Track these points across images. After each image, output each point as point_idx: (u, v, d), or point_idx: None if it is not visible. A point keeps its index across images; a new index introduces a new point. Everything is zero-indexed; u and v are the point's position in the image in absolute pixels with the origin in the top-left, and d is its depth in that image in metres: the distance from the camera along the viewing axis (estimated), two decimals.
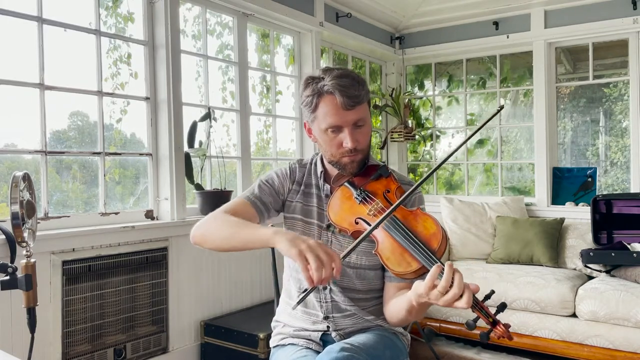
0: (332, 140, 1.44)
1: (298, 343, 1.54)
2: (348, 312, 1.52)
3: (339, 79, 1.40)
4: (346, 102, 1.39)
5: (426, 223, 1.35)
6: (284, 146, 4.03)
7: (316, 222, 1.53)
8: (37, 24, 2.46)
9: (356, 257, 1.49)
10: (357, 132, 1.44)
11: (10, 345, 2.21)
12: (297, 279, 1.57)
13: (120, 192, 2.93)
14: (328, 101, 1.41)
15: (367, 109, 1.47)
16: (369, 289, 1.54)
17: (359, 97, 1.41)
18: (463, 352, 3.29)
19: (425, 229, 1.34)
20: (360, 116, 1.43)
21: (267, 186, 1.57)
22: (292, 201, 1.57)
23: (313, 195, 1.57)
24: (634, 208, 3.50)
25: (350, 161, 1.46)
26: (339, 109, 1.40)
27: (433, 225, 1.34)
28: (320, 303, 1.53)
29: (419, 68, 5.00)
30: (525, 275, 3.25)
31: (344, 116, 1.41)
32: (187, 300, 2.98)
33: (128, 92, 2.89)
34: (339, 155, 1.46)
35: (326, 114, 1.42)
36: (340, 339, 1.51)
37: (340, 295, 1.51)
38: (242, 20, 3.49)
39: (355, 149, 1.43)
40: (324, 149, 1.50)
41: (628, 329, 2.84)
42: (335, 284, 1.51)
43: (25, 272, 1.73)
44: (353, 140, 1.42)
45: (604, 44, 4.12)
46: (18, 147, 2.46)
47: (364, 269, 1.51)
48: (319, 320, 1.53)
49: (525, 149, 4.55)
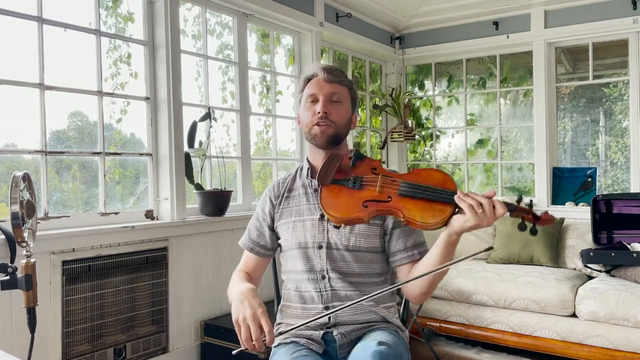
0: (308, 109, 1.59)
1: (300, 342, 1.55)
2: (347, 299, 1.53)
3: (327, 65, 1.65)
4: (326, 77, 1.58)
5: (431, 175, 1.43)
6: (284, 146, 4.03)
7: (309, 218, 1.60)
8: (37, 24, 2.46)
9: (355, 239, 1.55)
10: (331, 106, 1.57)
11: (10, 345, 2.21)
12: (295, 279, 1.62)
13: (120, 192, 2.93)
14: (313, 81, 1.61)
15: (346, 94, 1.61)
16: (367, 272, 1.57)
17: (339, 77, 1.60)
18: (463, 352, 3.29)
19: (436, 179, 1.41)
20: (337, 91, 1.58)
21: (254, 222, 1.71)
22: (278, 212, 1.66)
23: (300, 195, 1.64)
24: (634, 208, 3.50)
25: (320, 131, 1.55)
26: (319, 82, 1.59)
27: (437, 173, 1.44)
28: (319, 293, 1.56)
29: (419, 68, 5.00)
30: (525, 275, 3.25)
31: (321, 87, 1.58)
32: (187, 300, 2.98)
33: (128, 92, 2.89)
34: (311, 124, 1.57)
35: (309, 87, 1.61)
36: (342, 338, 1.52)
37: (339, 282, 1.55)
38: (242, 20, 3.49)
39: (327, 118, 1.55)
40: (303, 124, 1.62)
41: (628, 329, 2.84)
42: (333, 271, 1.55)
43: (25, 272, 1.73)
44: (325, 106, 1.55)
45: (604, 44, 4.12)
46: (18, 147, 2.46)
47: (362, 252, 1.56)
48: (320, 312, 1.54)
49: (525, 149, 4.55)
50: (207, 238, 3.08)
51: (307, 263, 1.58)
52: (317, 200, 1.57)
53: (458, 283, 3.36)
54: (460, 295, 3.35)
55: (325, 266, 1.56)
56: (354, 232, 1.55)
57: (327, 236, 1.56)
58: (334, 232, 1.56)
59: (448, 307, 3.39)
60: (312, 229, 1.58)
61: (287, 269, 1.65)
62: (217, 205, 3.10)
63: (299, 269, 1.59)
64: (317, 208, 1.58)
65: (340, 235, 1.55)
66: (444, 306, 3.40)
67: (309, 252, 1.58)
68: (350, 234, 1.55)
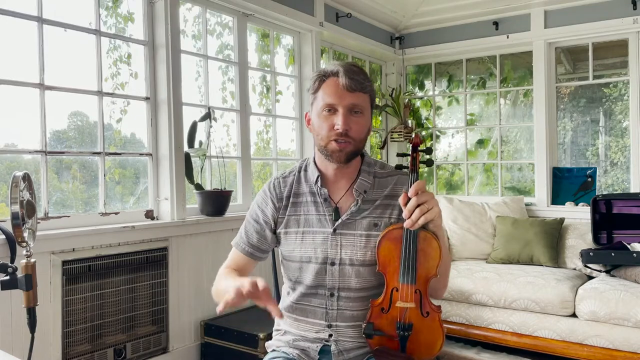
0: (325, 120, 1.42)
1: (291, 354, 1.50)
2: (352, 320, 1.48)
3: (348, 65, 1.44)
4: (347, 84, 1.39)
5: (431, 254, 1.39)
6: (284, 146, 4.03)
7: (320, 230, 1.49)
8: (37, 24, 2.46)
9: (371, 253, 1.45)
10: (352, 119, 1.41)
11: (10, 345, 2.21)
12: (298, 291, 1.54)
13: (120, 192, 2.93)
14: (330, 82, 1.42)
15: (368, 102, 1.46)
16: (363, 287, 1.48)
17: (361, 84, 1.41)
18: (463, 352, 3.28)
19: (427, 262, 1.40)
20: (359, 102, 1.42)
21: (252, 223, 1.57)
22: (282, 217, 1.53)
23: (307, 202, 1.52)
24: (634, 208, 3.50)
25: (338, 149, 1.41)
26: (338, 89, 1.40)
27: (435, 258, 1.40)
28: (324, 310, 1.49)
29: (419, 68, 5.00)
30: (525, 275, 3.25)
31: (342, 97, 1.40)
32: (187, 300, 2.98)
33: (128, 92, 2.89)
34: (327, 138, 1.42)
35: (325, 93, 1.42)
36: (338, 354, 1.47)
37: (348, 302, 1.47)
38: (242, 20, 3.49)
39: (347, 134, 1.40)
40: (316, 133, 1.47)
41: (628, 329, 2.84)
42: (344, 289, 1.47)
43: (25, 272, 1.73)
44: (345, 123, 1.40)
45: (604, 44, 4.12)
46: (18, 147, 2.46)
47: (364, 266, 1.47)
48: (322, 329, 1.50)
49: (525, 149, 4.55)
50: (207, 238, 3.08)
51: (316, 278, 1.48)
52: (328, 211, 1.48)
53: (458, 283, 3.36)
54: (460, 295, 3.35)
55: (336, 284, 1.47)
56: (369, 246, 1.45)
57: (340, 252, 1.46)
58: (348, 247, 1.46)
59: (448, 307, 3.39)
60: (324, 243, 1.47)
61: (291, 279, 1.54)
62: (217, 205, 3.10)
63: (306, 282, 1.50)
64: (327, 220, 1.48)
65: (356, 250, 1.46)
66: (444, 306, 3.40)
67: (319, 268, 1.47)
68: (366, 247, 1.46)
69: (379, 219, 1.48)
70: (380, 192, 1.51)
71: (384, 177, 1.53)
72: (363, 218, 1.48)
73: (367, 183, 1.51)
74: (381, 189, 1.51)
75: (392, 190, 1.51)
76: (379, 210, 1.49)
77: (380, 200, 1.50)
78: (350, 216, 1.48)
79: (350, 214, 1.48)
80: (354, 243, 1.47)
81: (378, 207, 1.49)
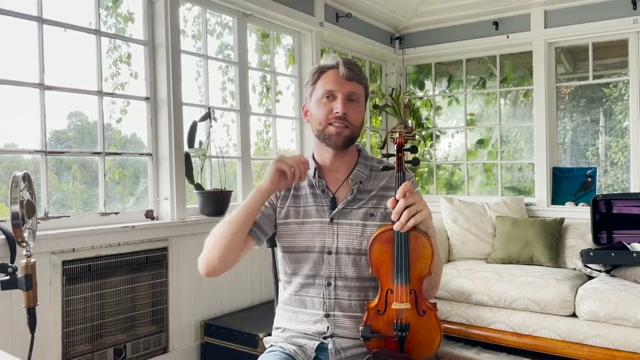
0: (324, 106, 1.50)
1: (288, 350, 1.51)
2: (350, 310, 1.50)
3: (345, 59, 1.55)
4: (346, 73, 1.49)
5: (423, 254, 1.40)
6: (284, 146, 4.03)
7: (318, 220, 1.54)
8: (37, 24, 2.46)
9: (367, 242, 1.45)
10: (350, 105, 1.50)
11: (10, 345, 2.21)
12: (296, 283, 1.56)
13: (120, 192, 2.93)
14: (330, 73, 1.52)
15: (363, 93, 1.55)
16: (359, 276, 1.50)
17: (358, 75, 1.52)
18: (463, 352, 3.28)
19: (419, 261, 1.40)
20: (356, 91, 1.51)
21: (264, 208, 1.57)
22: (282, 207, 1.58)
23: (307, 195, 1.57)
24: (634, 208, 3.50)
25: (336, 132, 1.49)
26: (338, 78, 1.50)
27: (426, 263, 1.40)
28: (322, 299, 1.52)
29: (419, 68, 5.00)
30: (525, 275, 3.25)
31: (341, 85, 1.50)
32: (187, 300, 2.98)
33: (128, 92, 2.89)
34: (326, 122, 1.50)
35: (325, 82, 1.51)
36: (335, 352, 1.48)
37: (345, 290, 1.50)
38: (242, 20, 3.49)
39: (345, 119, 1.48)
40: (314, 120, 1.53)
41: (628, 329, 2.84)
42: (340, 278, 1.50)
43: (25, 272, 1.73)
44: (344, 106, 1.48)
45: (603, 44, 4.12)
46: (18, 147, 2.46)
47: (360, 255, 1.49)
48: (320, 319, 1.51)
49: (525, 149, 4.55)
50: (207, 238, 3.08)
51: (314, 268, 1.52)
52: (325, 202, 1.53)
53: (458, 283, 3.36)
54: (460, 295, 3.35)
55: (333, 273, 1.51)
56: (365, 235, 1.49)
57: (337, 240, 1.51)
58: (344, 236, 1.50)
59: (448, 307, 3.39)
60: (321, 232, 1.52)
61: (289, 271, 1.58)
62: (217, 205, 3.10)
63: (303, 273, 1.54)
64: (325, 210, 1.53)
65: (352, 239, 1.50)
66: (444, 306, 3.40)
67: (316, 257, 1.52)
68: (362, 237, 1.49)
69: (374, 209, 1.52)
70: (376, 183, 1.56)
71: (380, 171, 1.58)
72: (359, 208, 1.52)
73: (363, 174, 1.56)
74: (377, 181, 1.57)
75: (388, 182, 1.56)
76: (375, 201, 1.53)
77: (376, 191, 1.55)
78: (346, 205, 1.53)
79: (347, 203, 1.53)
80: (350, 232, 1.51)
81: (374, 197, 1.54)
